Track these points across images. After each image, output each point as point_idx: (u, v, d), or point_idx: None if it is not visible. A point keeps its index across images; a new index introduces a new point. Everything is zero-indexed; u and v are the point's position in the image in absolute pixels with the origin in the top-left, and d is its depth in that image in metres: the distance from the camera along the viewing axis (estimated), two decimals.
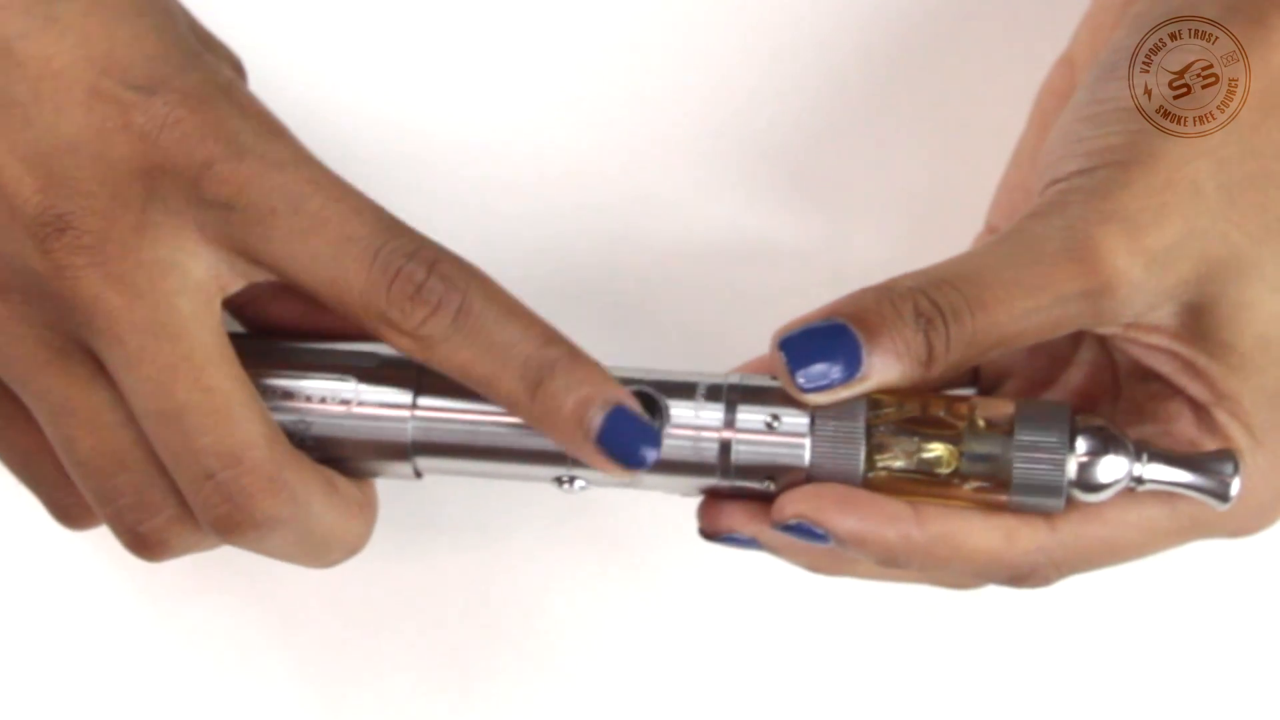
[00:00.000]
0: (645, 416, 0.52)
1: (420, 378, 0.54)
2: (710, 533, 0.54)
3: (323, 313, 0.54)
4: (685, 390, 0.53)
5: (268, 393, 0.53)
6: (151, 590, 0.64)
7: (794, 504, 0.52)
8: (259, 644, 0.65)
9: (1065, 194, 0.52)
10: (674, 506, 0.55)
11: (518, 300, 0.52)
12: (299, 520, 0.52)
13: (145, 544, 0.53)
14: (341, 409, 0.54)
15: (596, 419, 0.51)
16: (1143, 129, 0.51)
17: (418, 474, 0.55)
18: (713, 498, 0.54)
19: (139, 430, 0.52)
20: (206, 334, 0.51)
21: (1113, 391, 0.56)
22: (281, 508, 0.51)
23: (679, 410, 0.53)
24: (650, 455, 0.52)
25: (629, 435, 0.51)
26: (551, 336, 0.52)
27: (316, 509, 0.52)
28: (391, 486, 0.56)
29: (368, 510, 0.55)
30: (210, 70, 0.51)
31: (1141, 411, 0.54)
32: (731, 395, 0.53)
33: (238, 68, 0.55)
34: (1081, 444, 0.52)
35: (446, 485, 0.55)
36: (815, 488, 0.52)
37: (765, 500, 0.53)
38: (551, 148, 0.62)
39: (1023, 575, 0.53)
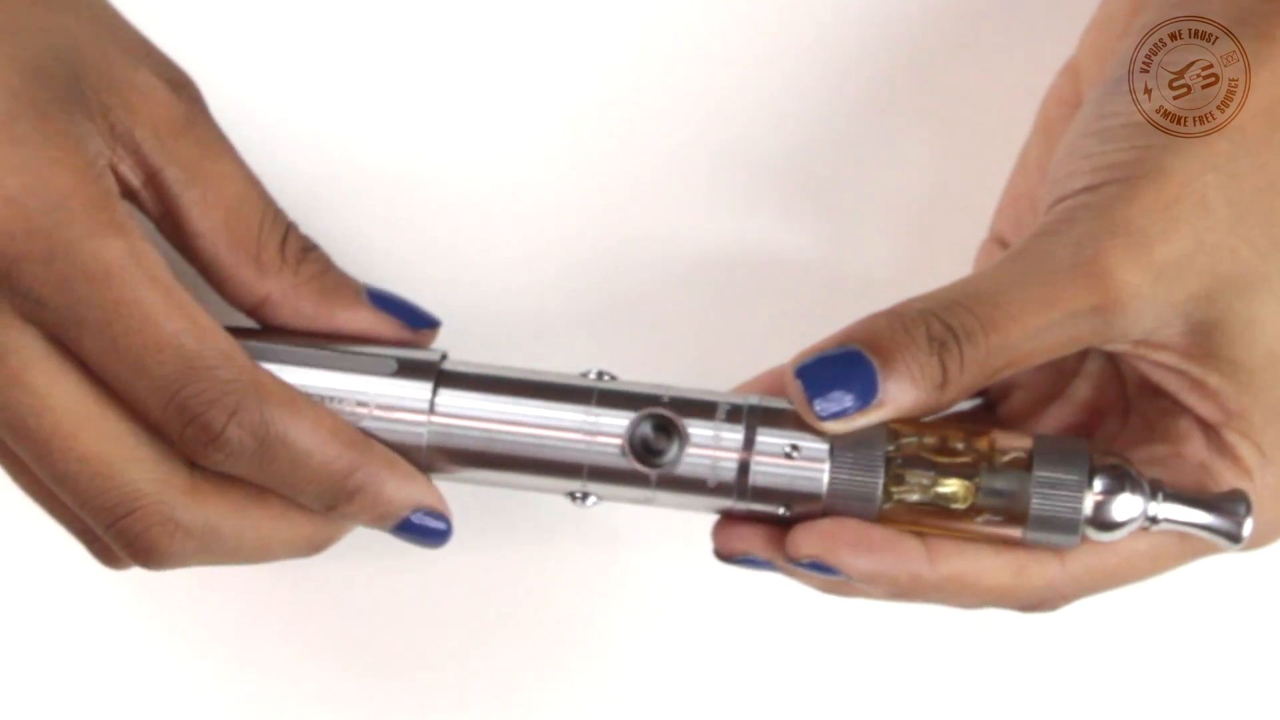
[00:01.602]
0: (433, 520, 0.54)
1: (438, 383, 0.53)
2: (725, 555, 0.54)
3: (338, 314, 0.54)
4: (705, 410, 0.53)
5: None
6: (152, 591, 0.64)
7: (809, 544, 0.52)
8: (260, 644, 0.65)
9: (1073, 211, 0.52)
10: (677, 513, 0.55)
11: (325, 423, 0.52)
12: (211, 546, 0.53)
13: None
14: (358, 411, 0.53)
15: (388, 527, 0.54)
16: (1150, 145, 0.51)
17: None
18: (727, 520, 0.54)
19: None
20: (68, 401, 0.51)
21: (1120, 405, 0.56)
22: (182, 545, 0.52)
23: (698, 430, 0.53)
24: (440, 541, 0.55)
25: (422, 525, 0.54)
26: (348, 470, 0.52)
27: (228, 534, 0.53)
28: None
29: (313, 514, 0.55)
30: (53, 146, 0.50)
31: (1151, 429, 0.54)
32: (751, 417, 0.53)
33: (180, 84, 0.54)
34: (1098, 482, 0.51)
35: (449, 488, 0.55)
36: (830, 526, 0.52)
37: (779, 524, 0.53)
38: (557, 157, 0.62)
39: (1031, 606, 0.54)
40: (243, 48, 0.60)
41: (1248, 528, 0.51)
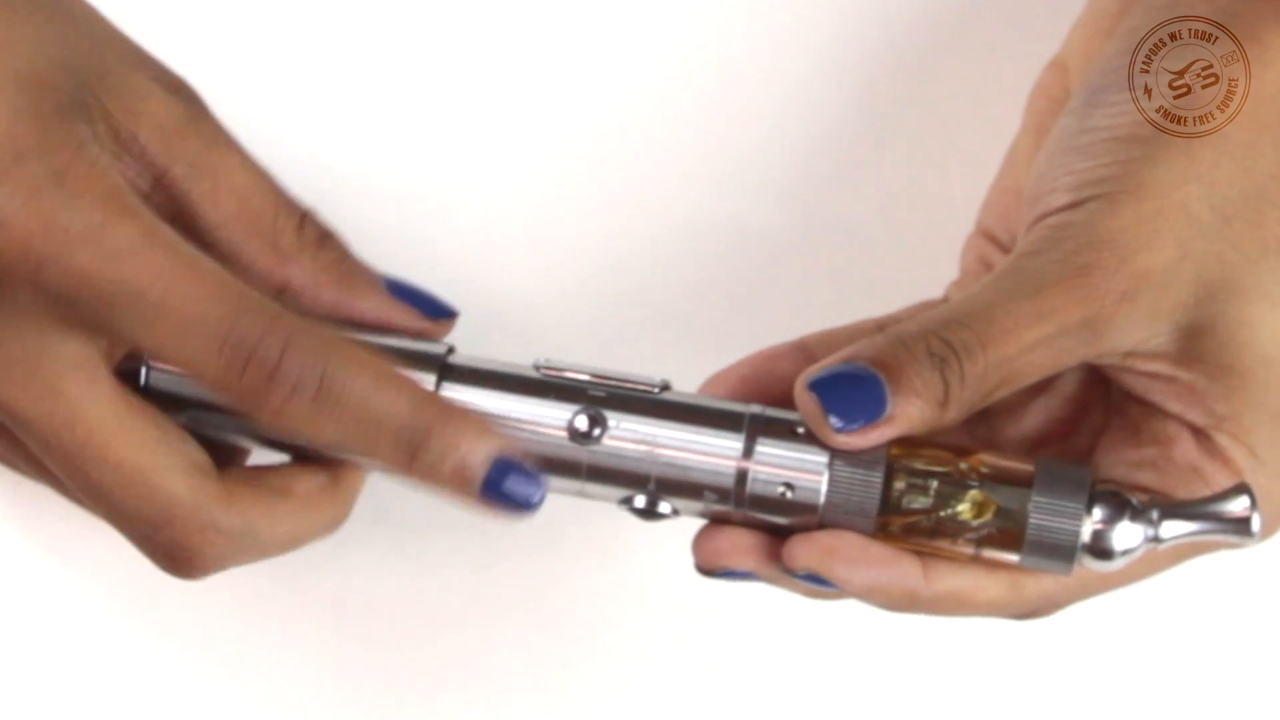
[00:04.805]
0: (526, 463, 0.52)
1: (442, 376, 0.53)
2: (707, 569, 0.54)
3: (357, 303, 0.54)
4: (710, 417, 0.53)
5: None
6: (152, 592, 0.64)
7: (806, 557, 0.52)
8: (259, 646, 0.65)
9: (1057, 229, 0.52)
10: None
11: (383, 364, 0.51)
12: (248, 546, 0.53)
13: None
14: None
15: (478, 476, 0.51)
16: (1131, 159, 0.52)
17: None
18: (711, 529, 0.54)
19: None
20: (101, 410, 0.51)
21: (1104, 403, 0.56)
22: (222, 549, 0.52)
23: (701, 438, 0.52)
24: (535, 497, 0.52)
25: (512, 484, 0.52)
26: (420, 400, 0.51)
27: (263, 531, 0.53)
28: (392, 487, 0.55)
29: (334, 493, 0.54)
30: (58, 155, 0.50)
31: (1139, 432, 0.54)
32: (753, 425, 0.52)
33: (176, 87, 0.54)
34: (1098, 510, 0.51)
35: None
36: (828, 539, 0.52)
37: (769, 532, 0.53)
38: (562, 157, 0.62)
39: (1025, 616, 0.54)
40: (249, 53, 0.61)
41: (1256, 522, 0.51)
